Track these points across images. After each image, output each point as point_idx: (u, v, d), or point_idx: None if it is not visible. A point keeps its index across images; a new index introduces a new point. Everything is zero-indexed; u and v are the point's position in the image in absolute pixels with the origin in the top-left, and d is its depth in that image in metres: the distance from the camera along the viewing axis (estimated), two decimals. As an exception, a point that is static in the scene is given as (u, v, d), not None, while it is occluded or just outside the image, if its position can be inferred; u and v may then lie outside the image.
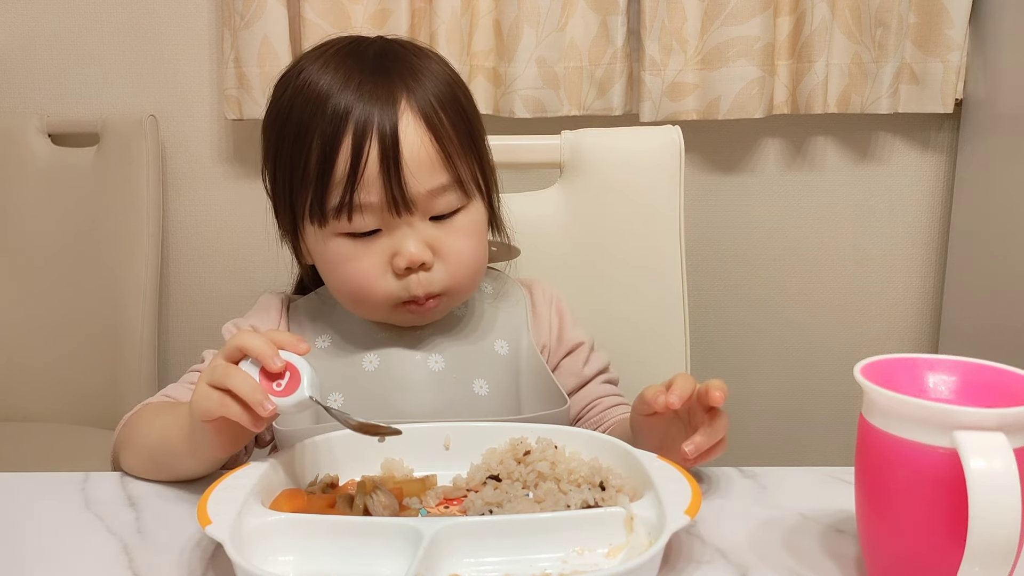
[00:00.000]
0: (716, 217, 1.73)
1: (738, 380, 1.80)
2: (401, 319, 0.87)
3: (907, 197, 1.73)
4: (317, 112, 0.81)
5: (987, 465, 0.51)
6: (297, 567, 0.62)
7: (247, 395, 0.65)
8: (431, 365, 0.87)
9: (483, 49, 1.60)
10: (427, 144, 0.81)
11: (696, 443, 0.71)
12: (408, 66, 0.85)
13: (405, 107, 0.81)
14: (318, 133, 0.81)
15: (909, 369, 0.62)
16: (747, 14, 1.54)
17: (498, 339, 0.91)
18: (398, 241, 0.82)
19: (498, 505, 0.67)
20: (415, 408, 0.84)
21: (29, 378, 1.68)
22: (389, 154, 0.80)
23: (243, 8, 1.58)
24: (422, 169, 0.81)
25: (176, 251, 1.78)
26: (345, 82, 0.82)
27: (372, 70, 0.83)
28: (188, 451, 0.73)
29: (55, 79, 1.74)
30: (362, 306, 0.86)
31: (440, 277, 0.84)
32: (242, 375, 0.66)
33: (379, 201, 0.81)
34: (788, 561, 0.64)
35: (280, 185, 0.86)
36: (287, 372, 0.67)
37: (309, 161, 0.81)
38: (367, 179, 0.80)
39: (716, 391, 0.70)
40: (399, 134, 0.80)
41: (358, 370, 0.87)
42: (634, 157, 1.10)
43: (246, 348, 0.68)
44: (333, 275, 0.86)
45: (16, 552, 0.68)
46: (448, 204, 0.84)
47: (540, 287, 0.98)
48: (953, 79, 1.58)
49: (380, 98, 0.81)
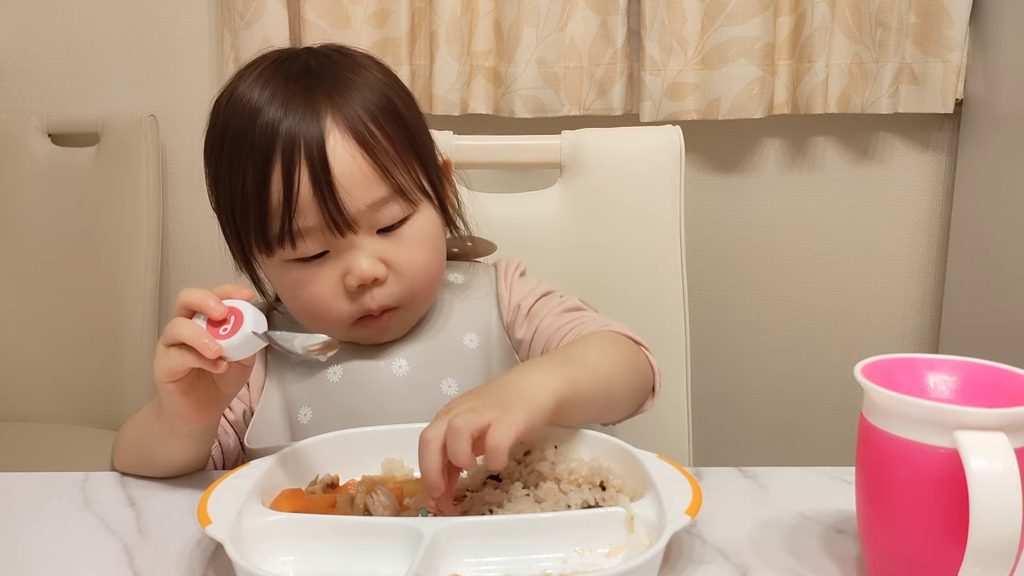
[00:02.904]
0: (716, 217, 1.73)
1: (738, 380, 1.80)
2: (360, 337, 0.86)
3: (907, 197, 1.73)
4: (247, 138, 0.80)
5: (987, 465, 0.51)
6: (297, 567, 0.62)
7: (192, 340, 0.67)
8: (395, 370, 0.86)
9: (483, 49, 1.60)
10: (358, 159, 0.79)
11: None
12: (333, 80, 0.82)
13: (331, 125, 0.79)
14: (250, 162, 0.79)
15: (909, 369, 0.62)
16: (747, 14, 1.54)
17: (467, 332, 0.89)
18: (347, 260, 0.81)
19: (498, 505, 0.67)
20: (381, 416, 0.81)
21: (29, 378, 1.68)
22: (320, 176, 0.78)
23: (243, 8, 1.58)
24: (357, 186, 0.79)
25: (176, 251, 1.78)
26: (270, 102, 0.80)
27: (297, 89, 0.81)
28: (165, 430, 0.74)
29: (55, 79, 1.74)
30: (321, 327, 0.84)
31: (394, 290, 0.83)
32: (184, 324, 0.68)
33: (317, 224, 0.79)
34: (788, 561, 0.64)
35: (225, 216, 0.85)
36: (231, 316, 0.68)
37: (246, 191, 0.80)
38: (302, 204, 0.78)
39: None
40: (327, 154, 0.78)
41: (323, 382, 0.86)
42: (634, 157, 1.10)
43: (188, 302, 0.69)
44: (289, 300, 0.86)
45: (16, 552, 0.68)
46: (392, 215, 0.82)
47: (503, 264, 0.95)
48: (953, 79, 1.58)
49: (306, 117, 0.79)
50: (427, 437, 0.64)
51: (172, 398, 0.70)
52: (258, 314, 0.69)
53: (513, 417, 0.64)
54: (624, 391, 0.81)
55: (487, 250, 0.98)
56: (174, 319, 0.69)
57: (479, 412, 0.64)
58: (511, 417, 0.64)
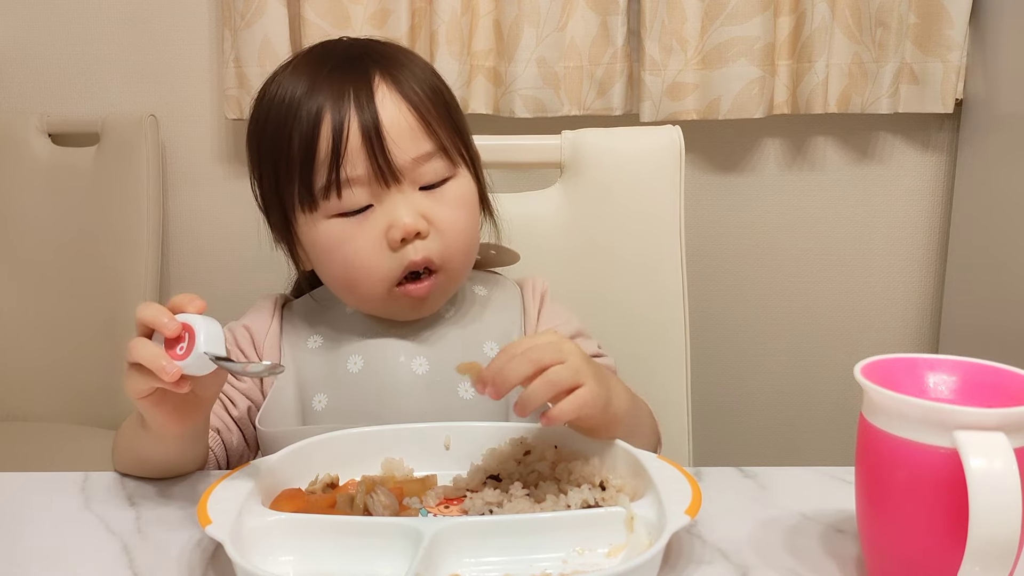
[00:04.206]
0: (716, 217, 1.73)
1: (738, 380, 1.80)
2: (395, 308, 0.86)
3: (907, 197, 1.73)
4: (293, 108, 0.82)
5: (987, 465, 0.51)
6: (297, 567, 0.62)
7: (149, 363, 0.66)
8: (415, 368, 0.86)
9: (483, 49, 1.60)
10: (406, 113, 0.82)
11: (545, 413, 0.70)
12: (380, 53, 0.86)
13: (380, 81, 0.83)
14: (296, 124, 0.82)
15: (909, 369, 0.62)
16: (747, 14, 1.54)
17: (487, 340, 0.90)
18: (390, 212, 0.82)
19: (498, 505, 0.67)
20: (396, 414, 0.82)
21: (29, 378, 1.68)
22: (369, 125, 0.80)
23: (243, 8, 1.58)
24: (404, 137, 0.81)
25: (176, 251, 1.78)
26: (316, 75, 0.83)
27: (345, 59, 0.85)
28: (153, 436, 0.74)
29: (55, 79, 1.74)
30: (358, 291, 0.85)
31: (435, 246, 0.83)
32: (143, 345, 0.67)
33: (365, 173, 0.81)
34: (788, 561, 0.64)
35: (267, 185, 0.86)
36: (186, 334, 0.67)
37: (291, 151, 0.82)
38: (350, 153, 0.80)
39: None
40: (376, 105, 0.81)
41: (342, 371, 0.86)
42: (634, 157, 1.10)
43: (141, 319, 0.68)
44: (329, 261, 0.85)
45: (16, 552, 0.68)
46: (436, 172, 0.84)
47: (530, 283, 0.97)
48: (953, 79, 1.58)
49: (354, 78, 0.82)
50: (535, 357, 0.68)
51: (148, 411, 0.70)
52: (211, 328, 0.67)
53: (594, 397, 0.69)
54: (641, 443, 0.81)
55: (511, 259, 0.98)
56: (134, 339, 0.68)
57: (579, 374, 0.69)
58: (595, 398, 0.69)
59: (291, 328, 0.91)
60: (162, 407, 0.70)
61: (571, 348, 0.71)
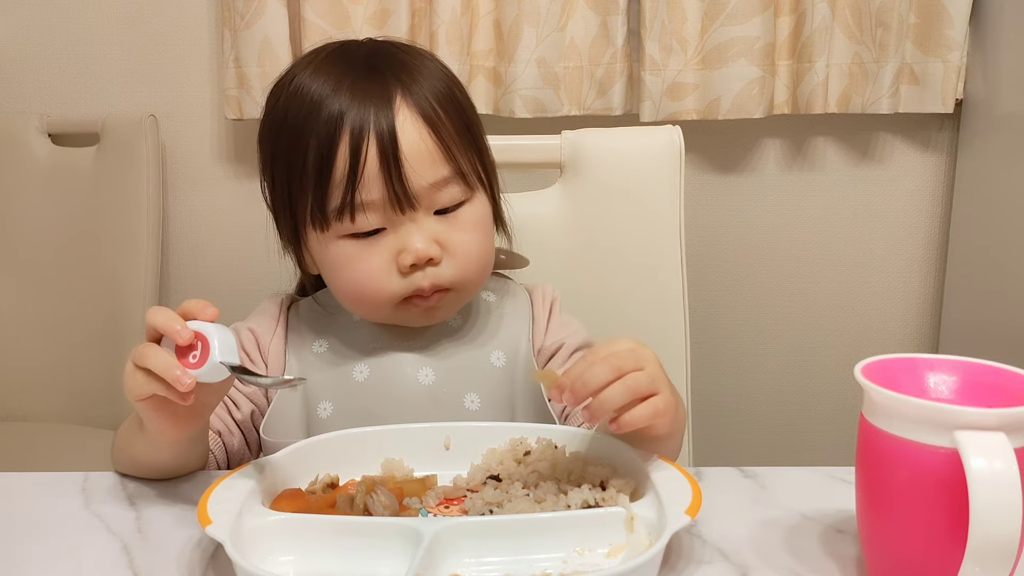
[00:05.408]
0: (716, 217, 1.73)
1: (738, 380, 1.80)
2: (405, 317, 0.85)
3: (907, 197, 1.73)
4: (311, 116, 0.81)
5: (987, 465, 0.51)
6: (297, 567, 0.62)
7: (163, 372, 0.65)
8: (421, 379, 0.86)
9: (483, 49, 1.60)
10: (425, 137, 0.81)
11: (612, 420, 0.69)
12: (401, 64, 0.84)
13: (400, 103, 0.81)
14: (314, 136, 0.80)
15: (909, 369, 0.62)
16: (747, 14, 1.54)
17: (495, 350, 0.89)
18: (403, 238, 0.81)
19: (498, 505, 0.67)
20: (401, 423, 0.80)
21: (29, 378, 1.68)
22: (388, 150, 0.79)
23: (243, 8, 1.58)
24: (422, 162, 0.80)
25: (176, 251, 1.78)
26: (337, 84, 0.81)
27: (364, 70, 0.83)
28: (149, 440, 0.73)
29: (55, 79, 1.74)
30: (364, 306, 0.85)
31: (447, 272, 0.83)
32: (157, 352, 0.66)
33: (381, 198, 0.80)
34: (788, 561, 0.64)
35: (279, 193, 0.85)
36: (199, 342, 0.66)
37: (307, 165, 0.81)
38: (367, 177, 0.79)
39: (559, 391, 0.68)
40: (396, 129, 0.80)
41: (348, 380, 0.86)
42: (634, 157, 1.10)
43: (153, 325, 0.68)
44: (337, 278, 0.85)
45: (16, 552, 0.68)
46: (452, 197, 0.83)
47: (540, 291, 0.96)
48: (953, 79, 1.58)
49: (374, 96, 0.81)
50: (616, 363, 0.67)
51: (147, 415, 0.70)
52: (225, 337, 0.67)
53: (668, 407, 0.69)
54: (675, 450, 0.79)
55: (520, 263, 0.98)
56: (144, 344, 0.68)
57: (656, 382, 0.68)
58: (668, 407, 0.69)
59: (296, 332, 0.91)
60: (162, 412, 0.69)
61: (648, 355, 0.70)
